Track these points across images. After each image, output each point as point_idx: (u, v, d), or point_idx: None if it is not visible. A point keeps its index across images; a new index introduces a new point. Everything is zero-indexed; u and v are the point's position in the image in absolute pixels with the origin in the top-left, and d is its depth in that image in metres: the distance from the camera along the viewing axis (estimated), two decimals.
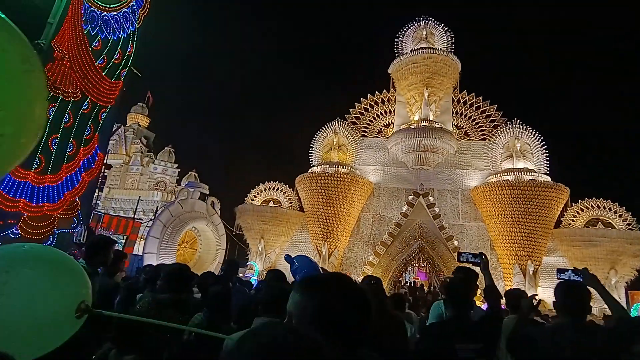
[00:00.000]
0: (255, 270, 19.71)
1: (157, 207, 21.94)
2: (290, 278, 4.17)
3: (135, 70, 6.77)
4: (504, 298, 3.98)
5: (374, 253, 20.60)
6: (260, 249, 21.75)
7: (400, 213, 21.03)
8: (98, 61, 5.33)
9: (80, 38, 4.96)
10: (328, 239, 21.08)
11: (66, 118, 4.87)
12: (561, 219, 19.86)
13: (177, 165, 40.07)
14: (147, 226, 17.33)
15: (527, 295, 3.99)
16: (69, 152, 4.95)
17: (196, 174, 39.12)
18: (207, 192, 19.80)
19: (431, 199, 20.86)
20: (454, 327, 2.61)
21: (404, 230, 20.74)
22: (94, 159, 5.39)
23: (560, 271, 3.38)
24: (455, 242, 20.03)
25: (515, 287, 4.49)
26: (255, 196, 23.56)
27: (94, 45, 5.25)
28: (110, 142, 39.62)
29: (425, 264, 20.62)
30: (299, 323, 0.94)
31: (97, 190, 20.12)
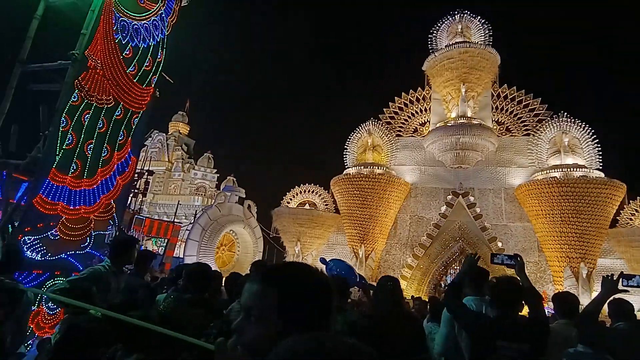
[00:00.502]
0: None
1: (196, 211, 22.64)
2: None
3: (166, 77, 6.96)
4: (551, 301, 3.67)
5: (412, 255, 20.05)
6: (297, 252, 21.83)
7: (439, 214, 20.33)
8: (129, 69, 5.50)
9: (112, 47, 5.15)
10: (365, 241, 20.78)
11: (100, 124, 5.05)
12: (617, 217, 18.35)
13: (215, 170, 41.33)
14: (187, 229, 17.95)
15: (578, 299, 3.61)
16: (103, 156, 5.13)
17: (234, 179, 40.10)
18: (244, 196, 20.19)
19: (471, 198, 20.01)
20: (498, 325, 2.48)
21: (443, 232, 20.03)
22: (128, 163, 5.56)
23: (627, 277, 2.98)
24: (499, 244, 19.06)
25: (565, 290, 4.06)
26: (291, 199, 23.72)
27: (125, 54, 5.42)
28: (153, 149, 41.78)
29: None
30: (259, 314, 0.87)
31: (140, 196, 21.11)
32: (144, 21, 5.76)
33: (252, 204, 20.19)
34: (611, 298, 4.34)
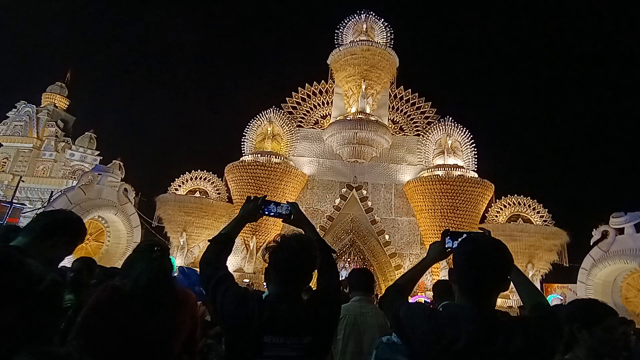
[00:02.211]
0: (172, 265, 17.91)
1: (52, 193, 19.03)
2: None
3: None
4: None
5: None
6: (181, 243, 19.97)
7: (333, 206, 20.39)
8: None
9: None
10: (257, 233, 19.88)
11: None
12: (486, 214, 20.39)
13: (98, 152, 36.39)
14: (36, 214, 14.88)
15: (372, 275, 3.19)
16: None
17: (121, 163, 35.80)
18: (119, 178, 17.68)
19: (364, 192, 20.48)
20: (268, 312, 1.58)
21: (336, 224, 20.12)
22: None
23: (453, 236, 1.89)
24: (387, 237, 19.81)
25: (363, 267, 3.65)
26: (179, 185, 21.66)
27: None
28: (17, 122, 35.27)
29: (355, 258, 20.15)
30: None
31: None
32: None
33: (129, 187, 17.82)
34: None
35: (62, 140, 35.93)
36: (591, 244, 17.52)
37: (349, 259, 20.44)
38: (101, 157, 35.70)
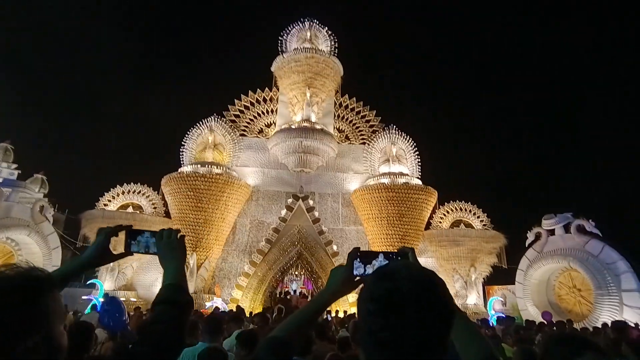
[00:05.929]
0: (100, 289, 16.07)
1: None
2: None
3: None
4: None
5: (250, 262, 18.71)
6: (111, 265, 18.04)
7: (279, 218, 19.61)
8: None
9: None
10: (198, 249, 18.54)
11: None
12: (430, 220, 20.75)
13: (16, 165, 32.52)
14: None
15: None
16: None
17: (44, 178, 32.27)
18: (38, 194, 15.61)
19: (311, 202, 19.93)
20: None
21: (282, 236, 19.33)
22: None
23: (363, 258, 1.34)
24: (335, 247, 19.36)
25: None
26: (109, 200, 19.71)
27: None
28: None
29: (303, 271, 19.50)
30: None
31: None
32: None
33: (47, 204, 15.80)
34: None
35: None
36: (526, 246, 18.41)
37: (296, 272, 19.75)
38: (19, 172, 31.93)
